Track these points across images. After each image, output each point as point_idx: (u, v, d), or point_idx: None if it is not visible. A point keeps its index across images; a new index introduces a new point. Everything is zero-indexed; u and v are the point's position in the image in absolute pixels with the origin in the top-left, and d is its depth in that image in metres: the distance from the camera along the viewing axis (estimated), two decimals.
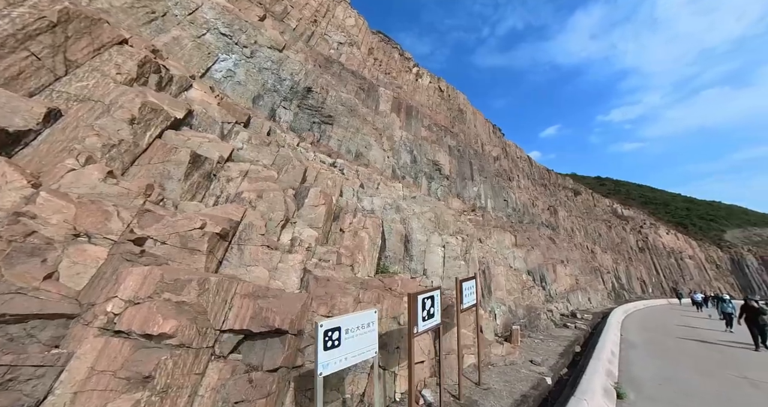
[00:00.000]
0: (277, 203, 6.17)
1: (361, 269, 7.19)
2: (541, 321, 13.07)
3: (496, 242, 17.67)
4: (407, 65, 38.75)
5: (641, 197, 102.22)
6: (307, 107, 19.58)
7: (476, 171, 32.69)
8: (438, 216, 12.54)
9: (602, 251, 44.10)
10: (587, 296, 27.05)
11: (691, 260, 59.22)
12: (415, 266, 9.40)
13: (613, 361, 8.73)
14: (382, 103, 26.68)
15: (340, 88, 22.18)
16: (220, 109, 8.07)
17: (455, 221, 13.95)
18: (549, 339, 11.46)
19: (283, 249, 5.99)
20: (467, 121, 43.33)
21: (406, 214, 10.19)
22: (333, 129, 19.94)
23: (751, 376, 8.15)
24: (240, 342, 4.42)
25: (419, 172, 24.18)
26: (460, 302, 6.05)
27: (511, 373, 7.41)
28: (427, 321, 4.95)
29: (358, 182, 10.19)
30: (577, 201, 59.76)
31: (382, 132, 23.22)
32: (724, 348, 10.88)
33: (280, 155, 8.10)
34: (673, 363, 9.08)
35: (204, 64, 15.73)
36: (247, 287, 4.58)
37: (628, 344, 11.66)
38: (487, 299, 11.02)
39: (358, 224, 7.72)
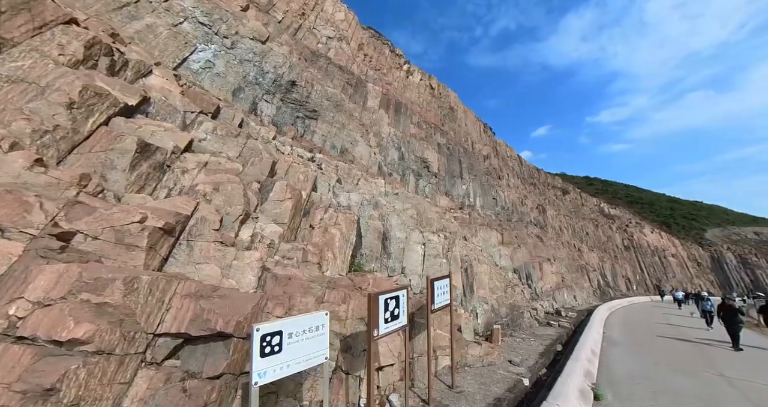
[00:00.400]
0: (236, 197, 5.71)
1: (330, 267, 6.78)
2: (525, 319, 12.88)
3: (482, 240, 17.46)
4: (398, 62, 38.29)
5: (628, 196, 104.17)
6: (290, 101, 19.00)
7: (465, 169, 32.53)
8: (420, 213, 12.20)
9: (589, 249, 44.61)
10: (573, 294, 27.19)
11: (674, 259, 60.52)
12: (393, 265, 9.04)
13: (593, 360, 8.54)
14: (371, 99, 26.21)
15: (326, 83, 21.63)
16: (183, 97, 7.54)
17: (439, 218, 13.64)
18: (531, 338, 11.26)
19: (241, 246, 5.54)
20: (458, 119, 43.16)
21: (385, 210, 9.81)
22: (317, 124, 19.41)
23: (728, 374, 8.05)
24: (179, 346, 3.98)
25: (407, 169, 23.84)
26: (431, 302, 5.71)
27: (487, 375, 7.12)
28: (390, 322, 4.58)
29: (335, 177, 9.76)
30: (566, 200, 60.40)
31: (369, 128, 22.79)
32: (703, 346, 10.83)
33: (248, 147, 7.61)
34: (653, 361, 8.95)
35: (180, 53, 15.02)
36: (189, 287, 4.14)
37: (610, 341, 11.55)
38: (468, 297, 10.74)
39: (330, 220, 7.31)
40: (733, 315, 10.58)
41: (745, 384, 7.35)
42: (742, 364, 8.85)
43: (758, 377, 7.84)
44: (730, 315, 10.66)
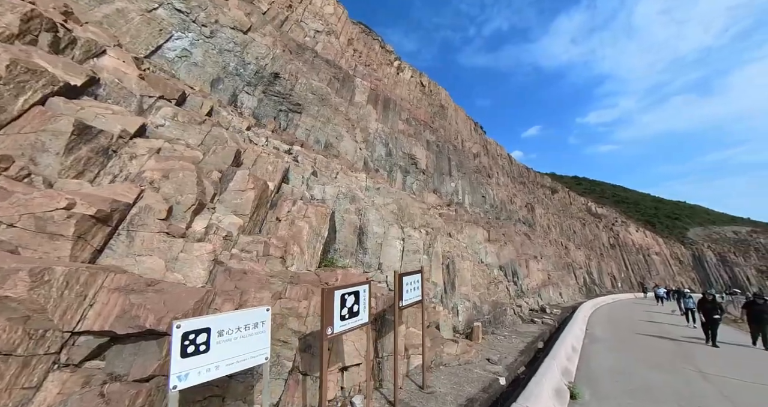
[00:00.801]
0: (188, 185, 5.25)
1: (296, 262, 6.38)
2: (507, 316, 12.70)
3: (467, 237, 17.25)
4: (388, 58, 37.87)
5: (614, 196, 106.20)
6: (273, 93, 18.42)
7: (454, 167, 32.38)
8: (402, 209, 11.86)
9: (576, 247, 45.14)
10: (558, 291, 27.35)
11: (657, 257, 61.87)
12: (369, 260, 8.68)
13: (572, 358, 8.37)
14: (358, 94, 25.75)
15: (311, 76, 21.09)
16: (141, 81, 7.00)
17: (423, 214, 13.34)
18: (513, 336, 11.07)
19: (193, 238, 5.09)
20: (448, 117, 43.00)
21: (362, 204, 9.43)
22: (301, 118, 18.88)
23: (706, 371, 7.97)
24: (105, 346, 3.54)
25: (394, 165, 23.51)
26: (399, 299, 5.37)
27: (462, 374, 6.84)
28: (348, 319, 4.21)
29: (310, 170, 9.33)
30: (555, 199, 61.05)
31: (355, 123, 22.35)
32: (683, 343, 10.77)
33: (212, 136, 7.12)
34: (633, 358, 8.83)
35: (154, 41, 14.32)
36: (119, 280, 3.69)
37: (593, 338, 11.46)
38: (450, 294, 10.47)
39: (298, 212, 6.90)
40: (712, 310, 10.48)
41: (722, 380, 7.26)
42: (720, 361, 8.80)
43: (735, 373, 7.77)
44: (710, 310, 10.55)
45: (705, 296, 11.15)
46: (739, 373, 7.81)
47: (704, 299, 11.04)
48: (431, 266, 10.41)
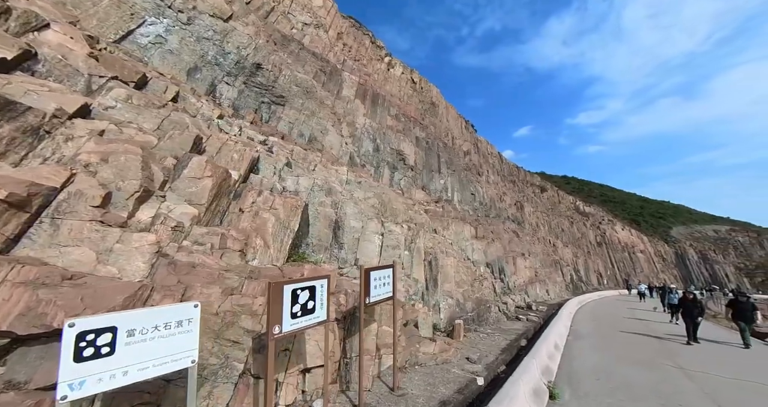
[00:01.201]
0: (131, 170, 4.71)
1: (260, 255, 5.90)
2: (492, 314, 12.45)
3: (453, 233, 16.97)
4: (379, 54, 37.32)
5: (602, 195, 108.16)
6: (255, 84, 17.75)
7: (444, 164, 32.14)
8: (384, 203, 11.45)
9: (563, 245, 45.60)
10: (546, 289, 27.43)
11: (642, 254, 63.17)
12: (345, 256, 8.24)
13: (554, 356, 8.11)
14: (346, 88, 25.20)
15: (296, 68, 20.46)
16: (91, 60, 6.39)
17: (407, 210, 12.96)
18: (497, 333, 10.80)
19: (136, 227, 4.57)
20: (439, 114, 42.75)
21: (339, 198, 8.97)
22: (284, 110, 18.26)
23: (687, 368, 7.82)
24: (6, 348, 3.03)
25: (381, 161, 23.08)
26: (366, 295, 4.95)
27: (439, 374, 6.48)
28: (300, 317, 3.78)
29: (284, 161, 8.82)
30: (544, 198, 61.64)
31: (342, 117, 21.82)
32: (665, 341, 10.57)
33: (170, 121, 6.55)
34: (615, 355, 8.64)
35: (124, 25, 13.53)
36: (27, 273, 3.17)
37: (576, 335, 11.30)
38: (431, 291, 10.12)
39: (264, 203, 6.40)
40: (693, 308, 10.33)
41: (703, 378, 7.09)
42: (702, 358, 8.68)
43: (717, 370, 7.64)
44: (690, 307, 10.41)
45: (686, 295, 11.03)
46: (721, 370, 7.68)
47: (685, 298, 10.95)
48: (413, 262, 10.04)
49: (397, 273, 6.61)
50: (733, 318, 10.42)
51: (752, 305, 9.94)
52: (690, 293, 10.93)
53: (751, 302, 10.07)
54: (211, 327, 4.15)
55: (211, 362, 4.11)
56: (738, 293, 10.76)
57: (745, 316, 9.79)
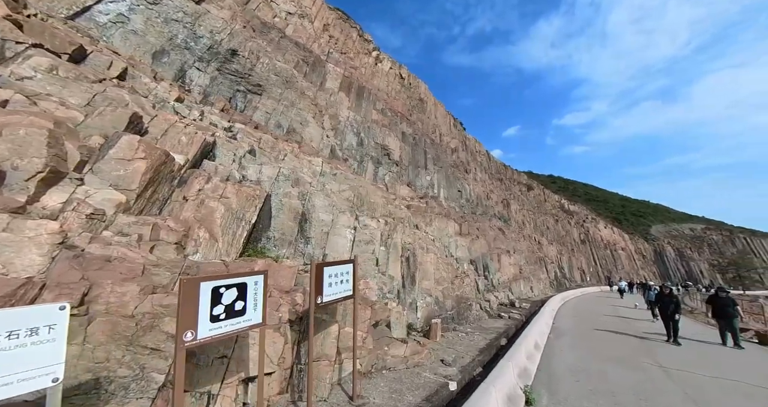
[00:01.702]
0: (33, 146, 3.91)
1: (204, 249, 5.18)
2: (473, 312, 12.03)
3: (436, 229, 16.49)
4: (366, 48, 36.45)
5: (586, 194, 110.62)
6: (230, 71, 16.73)
7: (430, 160, 31.70)
8: (361, 197, 10.80)
9: (548, 242, 46.08)
10: (530, 285, 27.44)
11: (623, 252, 64.77)
12: (312, 251, 7.57)
13: (534, 356, 7.69)
14: (330, 80, 24.33)
15: (276, 57, 19.48)
16: (7, 23, 5.47)
17: (386, 204, 12.35)
18: (477, 332, 10.36)
19: (38, 214, 3.79)
20: (427, 111, 42.27)
21: (307, 189, 8.27)
22: (262, 100, 17.32)
23: (669, 367, 7.55)
24: None
25: (365, 155, 22.39)
26: (318, 294, 4.31)
27: (407, 379, 5.92)
28: (224, 321, 3.11)
29: (246, 148, 8.05)
30: (530, 196, 62.26)
31: (324, 109, 20.99)
32: (646, 340, 10.10)
33: (105, 97, 5.71)
34: (596, 355, 8.31)
35: (79, 0, 12.38)
36: None
37: (558, 333, 11.00)
38: (408, 289, 9.57)
39: (213, 192, 5.66)
40: (670, 303, 9.78)
41: (685, 379, 6.80)
42: (683, 358, 8.44)
43: (699, 371, 7.38)
44: (667, 302, 9.86)
45: (662, 290, 10.54)
46: (704, 370, 7.43)
47: (661, 293, 10.49)
48: (389, 258, 9.45)
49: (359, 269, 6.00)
50: (713, 315, 10.10)
51: (732, 300, 9.57)
52: (666, 288, 10.50)
53: (731, 298, 9.70)
54: (121, 333, 3.43)
55: (121, 374, 3.40)
56: (718, 289, 10.33)
57: (725, 312, 9.40)
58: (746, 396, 5.97)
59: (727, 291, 10.14)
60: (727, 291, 10.13)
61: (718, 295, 9.90)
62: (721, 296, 9.80)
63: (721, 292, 10.04)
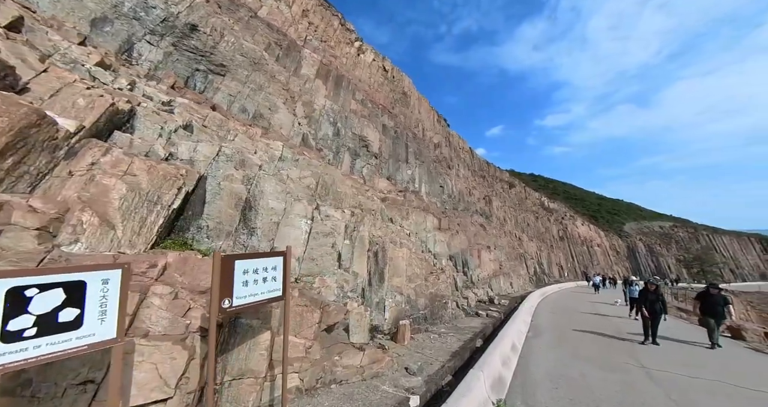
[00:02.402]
0: None
1: (92, 237, 3.95)
2: (448, 310, 11.22)
3: (414, 223, 15.62)
4: (348, 37, 34.99)
5: (565, 192, 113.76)
6: (188, 48, 15.07)
7: (412, 154, 30.84)
8: (327, 185, 9.70)
9: (529, 239, 46.54)
10: (510, 281, 27.23)
11: (599, 248, 66.81)
12: (257, 243, 6.43)
13: (510, 359, 6.91)
14: (306, 66, 22.86)
15: (243, 36, 17.87)
16: None
17: (356, 194, 11.29)
18: (451, 333, 9.53)
19: None
20: (410, 105, 41.38)
21: (255, 172, 7.09)
22: (225, 81, 15.76)
23: (652, 368, 6.98)
24: None
25: (342, 146, 21.20)
26: (225, 296, 3.22)
27: (360, 395, 4.94)
28: (37, 338, 1.99)
29: (180, 122, 6.77)
30: (512, 193, 62.87)
31: (297, 96, 19.59)
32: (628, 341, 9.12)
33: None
34: (575, 356, 7.64)
35: None
36: None
37: (536, 331, 10.38)
38: (376, 288, 8.59)
39: (112, 167, 4.42)
40: (656, 301, 8.72)
41: (670, 383, 6.19)
42: (667, 359, 7.92)
43: (684, 371, 6.83)
44: (653, 302, 8.76)
45: (647, 286, 9.17)
46: (690, 373, 6.89)
47: (646, 289, 9.14)
48: (353, 253, 8.42)
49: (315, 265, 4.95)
50: (700, 313, 9.01)
51: (724, 298, 8.67)
52: (652, 284, 9.12)
53: (723, 295, 8.76)
54: None
55: None
56: (710, 285, 9.10)
57: (715, 311, 8.47)
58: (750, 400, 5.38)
59: (719, 288, 9.03)
60: (719, 288, 9.03)
61: (710, 292, 8.92)
62: (713, 293, 8.82)
63: (712, 288, 8.97)
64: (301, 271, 6.80)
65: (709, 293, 8.87)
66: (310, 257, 7.08)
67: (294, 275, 6.60)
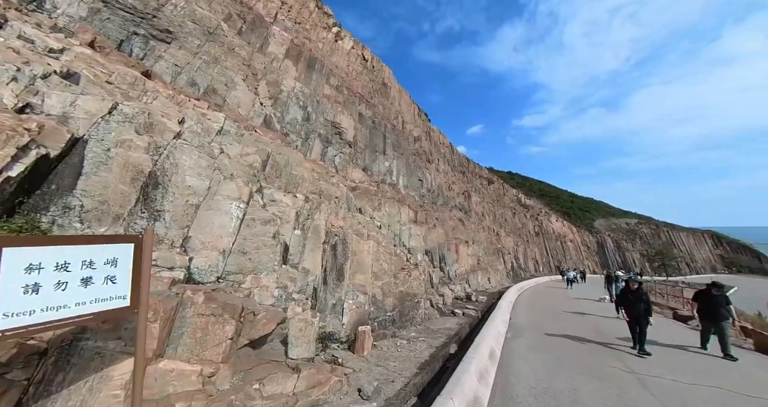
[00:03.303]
0: None
1: None
2: (420, 310, 10.02)
3: (387, 215, 14.30)
4: (326, 22, 32.80)
5: (540, 190, 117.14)
6: (124, 7, 12.72)
7: (390, 145, 29.48)
8: (279, 166, 8.11)
9: (506, 234, 46.79)
10: (487, 277, 26.72)
11: (571, 243, 68.98)
12: (164, 231, 4.81)
13: (488, 371, 5.75)
14: (274, 44, 20.76)
15: (196, 1, 15.63)
16: None
17: (317, 179, 9.76)
18: (422, 336, 8.30)
19: None
20: (390, 96, 39.90)
21: (168, 140, 5.42)
22: (170, 49, 13.57)
23: (640, 372, 6.10)
24: None
25: (312, 132, 19.44)
26: None
27: None
28: None
29: (54, 67, 4.98)
30: (490, 189, 63.29)
31: (261, 74, 17.57)
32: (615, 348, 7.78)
33: None
34: (561, 365, 6.65)
35: None
36: None
37: (516, 330, 9.41)
38: (332, 287, 7.17)
39: None
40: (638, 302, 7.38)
41: (664, 394, 5.26)
42: (660, 368, 7.09)
43: (681, 379, 5.97)
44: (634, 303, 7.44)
45: (629, 284, 7.77)
46: (687, 379, 6.03)
47: (628, 287, 7.75)
48: (305, 245, 6.94)
49: (248, 261, 3.47)
50: (699, 316, 7.68)
51: (726, 298, 7.32)
52: (634, 282, 7.75)
53: (725, 295, 7.40)
54: None
55: None
56: (712, 285, 7.63)
57: (716, 314, 7.17)
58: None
59: (723, 286, 7.53)
60: (722, 287, 7.52)
61: (711, 292, 7.54)
62: (715, 293, 7.43)
63: (716, 289, 7.48)
64: (225, 268, 5.25)
65: (711, 294, 7.52)
66: (241, 250, 5.54)
67: (214, 273, 5.03)
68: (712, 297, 7.45)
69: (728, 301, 7.35)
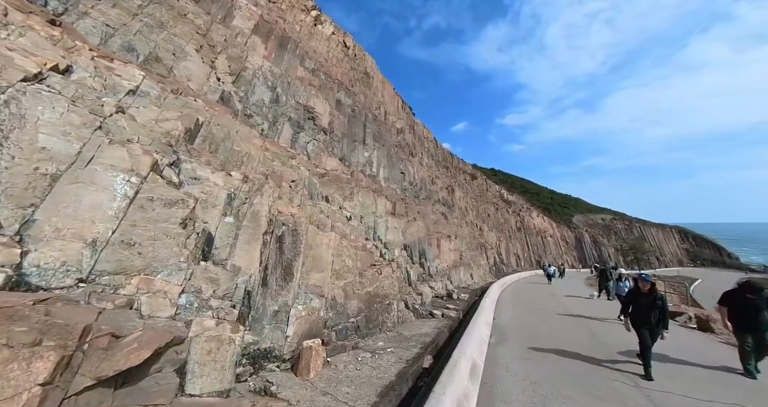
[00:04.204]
0: None
1: None
2: (393, 313, 8.68)
3: (359, 205, 12.85)
4: (304, 4, 30.45)
5: (522, 187, 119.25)
6: None
7: (371, 136, 27.91)
8: (215, 139, 6.45)
9: (489, 229, 46.50)
10: (470, 272, 25.89)
11: (551, 239, 70.21)
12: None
13: (469, 397, 4.49)
14: (240, 18, 18.60)
15: None
16: None
17: (270, 160, 8.14)
18: (391, 346, 6.95)
19: None
20: (373, 87, 38.12)
21: (11, 81, 3.71)
22: (99, 6, 11.37)
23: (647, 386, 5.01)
24: None
25: (281, 115, 17.58)
26: None
27: None
28: None
29: None
30: (474, 185, 63.04)
31: (221, 47, 15.53)
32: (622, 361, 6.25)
33: None
34: (553, 381, 5.49)
35: None
36: None
37: (500, 334, 8.27)
38: (275, 290, 5.66)
39: None
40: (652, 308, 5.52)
41: None
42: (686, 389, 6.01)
43: None
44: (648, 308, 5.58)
45: (638, 285, 5.85)
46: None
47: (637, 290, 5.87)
48: (238, 237, 5.39)
49: (137, 258, 1.77)
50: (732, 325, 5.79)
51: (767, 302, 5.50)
52: (645, 282, 5.74)
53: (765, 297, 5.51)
54: None
55: None
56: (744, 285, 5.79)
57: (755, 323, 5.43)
58: None
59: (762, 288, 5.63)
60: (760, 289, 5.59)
61: (745, 295, 5.67)
62: (750, 296, 5.58)
63: (750, 291, 5.61)
64: (95, 266, 3.65)
65: (745, 297, 5.65)
66: (126, 241, 3.94)
67: (73, 274, 3.43)
68: (747, 301, 5.63)
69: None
